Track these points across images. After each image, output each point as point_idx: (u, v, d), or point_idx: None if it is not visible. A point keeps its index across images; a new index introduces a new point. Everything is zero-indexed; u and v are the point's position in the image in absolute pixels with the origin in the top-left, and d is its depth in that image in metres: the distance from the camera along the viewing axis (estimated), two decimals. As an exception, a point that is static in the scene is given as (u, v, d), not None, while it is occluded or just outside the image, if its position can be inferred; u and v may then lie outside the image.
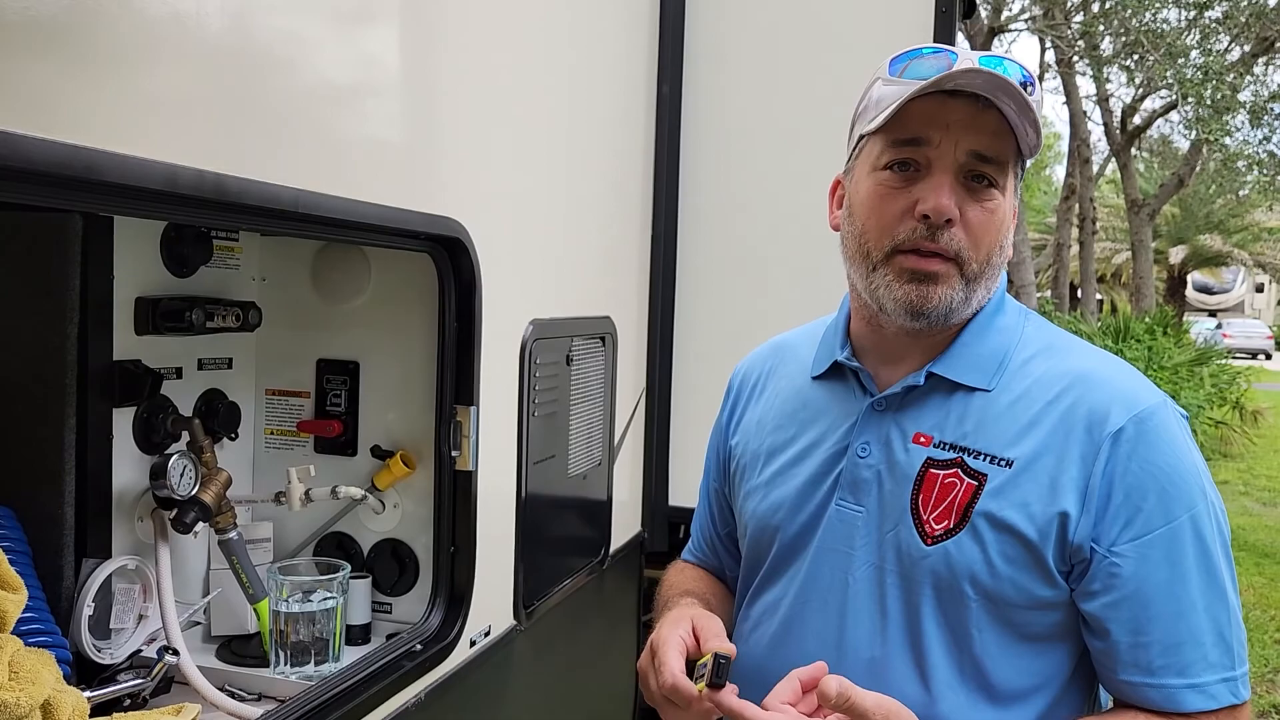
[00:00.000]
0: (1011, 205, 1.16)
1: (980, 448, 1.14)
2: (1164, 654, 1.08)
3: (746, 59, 2.85)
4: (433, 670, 1.72)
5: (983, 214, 1.12)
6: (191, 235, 1.74)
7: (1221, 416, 12.39)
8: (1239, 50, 13.90)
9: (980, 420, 1.15)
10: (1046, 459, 1.11)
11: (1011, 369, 1.18)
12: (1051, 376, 1.15)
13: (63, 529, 1.54)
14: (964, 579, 1.12)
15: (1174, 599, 1.08)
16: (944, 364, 1.19)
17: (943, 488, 1.14)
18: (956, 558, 1.12)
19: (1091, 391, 1.12)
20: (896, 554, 1.17)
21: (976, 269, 1.13)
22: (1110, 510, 1.08)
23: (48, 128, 0.93)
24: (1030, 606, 1.12)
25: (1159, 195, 18.03)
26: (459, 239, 1.70)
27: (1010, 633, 1.13)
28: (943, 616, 1.14)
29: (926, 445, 1.17)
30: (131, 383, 1.62)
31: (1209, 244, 27.14)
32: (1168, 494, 1.08)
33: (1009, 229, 1.16)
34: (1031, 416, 1.13)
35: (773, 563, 1.30)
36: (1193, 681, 1.07)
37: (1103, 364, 1.17)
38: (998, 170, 1.12)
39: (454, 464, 1.79)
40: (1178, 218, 26.73)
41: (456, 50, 1.71)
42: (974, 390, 1.17)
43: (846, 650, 1.18)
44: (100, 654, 1.55)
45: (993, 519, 1.11)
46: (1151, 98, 16.97)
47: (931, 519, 1.14)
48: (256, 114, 1.24)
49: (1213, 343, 14.40)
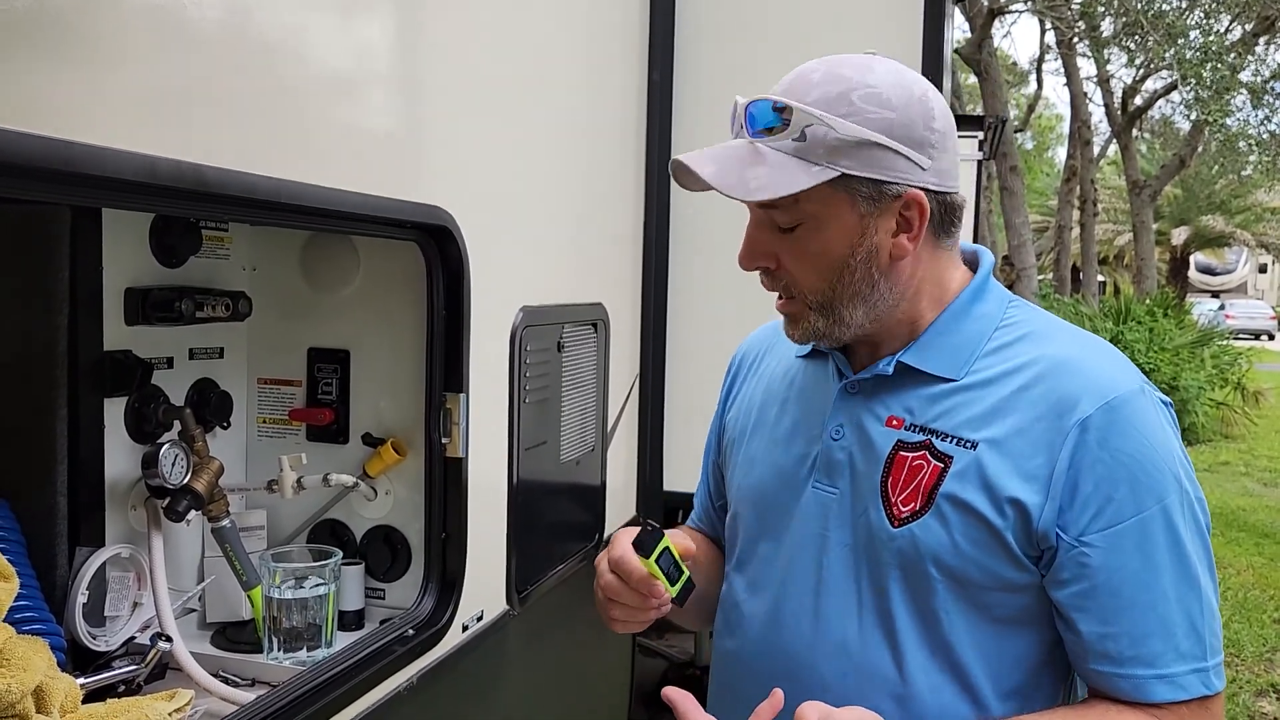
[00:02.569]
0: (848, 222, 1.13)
1: (948, 430, 1.14)
2: (1133, 644, 1.07)
3: (737, 44, 2.84)
4: (425, 655, 1.74)
5: (791, 252, 1.15)
6: (180, 226, 1.75)
7: (1223, 397, 12.40)
8: (1240, 29, 13.84)
9: (951, 404, 1.16)
10: (1014, 443, 1.11)
11: (984, 355, 1.18)
12: (1027, 362, 1.15)
13: (56, 518, 1.55)
14: (929, 561, 1.13)
15: (1144, 589, 1.07)
16: (912, 354, 1.19)
17: (910, 470, 1.15)
18: (922, 539, 1.13)
19: (1064, 378, 1.12)
20: (868, 536, 1.18)
21: (821, 298, 1.16)
22: (1079, 499, 1.08)
23: (26, 121, 0.94)
24: (997, 588, 1.13)
25: (1160, 176, 18.00)
26: (446, 227, 1.70)
27: (979, 614, 1.14)
28: (911, 598, 1.15)
29: (898, 428, 1.18)
30: (122, 373, 1.63)
31: (1211, 225, 27.09)
32: (1139, 483, 1.07)
33: (855, 245, 1.13)
34: (1001, 400, 1.14)
35: (750, 539, 1.32)
36: (1162, 672, 1.07)
37: (1082, 350, 1.16)
38: (786, 212, 1.14)
39: (444, 451, 1.80)
40: (1179, 199, 26.67)
41: (442, 38, 1.72)
42: (944, 379, 1.18)
43: (822, 631, 1.20)
44: (95, 641, 1.57)
45: (956, 500, 1.12)
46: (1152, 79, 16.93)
47: (899, 501, 1.15)
48: (239, 105, 1.25)
49: (1215, 324, 14.40)
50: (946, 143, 1.15)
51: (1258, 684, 4.91)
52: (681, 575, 1.18)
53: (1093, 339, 1.21)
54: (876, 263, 1.14)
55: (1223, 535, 7.57)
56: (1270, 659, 5.24)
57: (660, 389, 2.91)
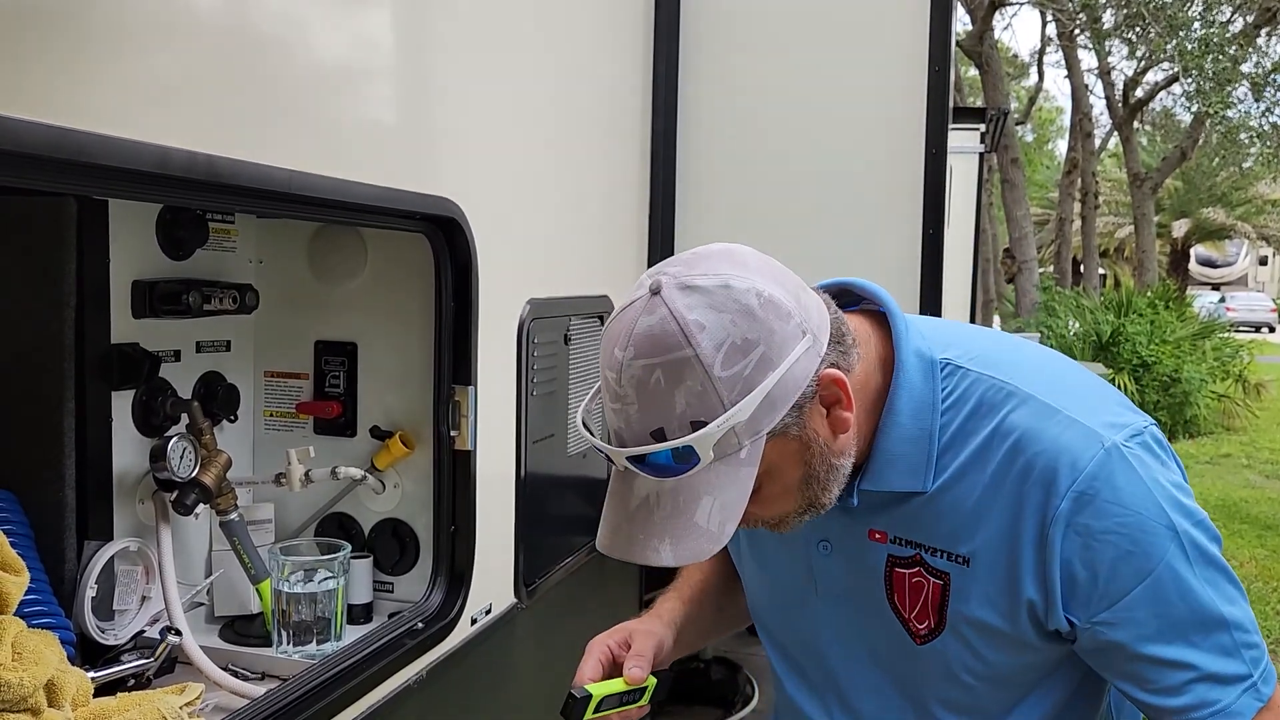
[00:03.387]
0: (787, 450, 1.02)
1: (935, 544, 1.12)
2: (1177, 694, 1.06)
3: (742, 35, 2.83)
4: (434, 648, 1.74)
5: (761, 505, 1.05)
6: (187, 218, 1.75)
7: (1224, 390, 12.38)
8: (1241, 21, 13.81)
9: (928, 517, 1.12)
10: (1001, 550, 1.09)
11: (943, 458, 1.11)
12: (987, 452, 1.09)
13: (64, 512, 1.55)
14: (961, 671, 1.14)
15: (1167, 645, 1.05)
16: (871, 479, 1.12)
17: (913, 587, 1.14)
18: (948, 655, 1.14)
19: (1027, 464, 1.07)
20: (887, 648, 1.18)
21: (797, 508, 1.08)
22: (1079, 590, 1.06)
23: (38, 111, 0.93)
24: (1029, 669, 1.15)
25: (1161, 169, 17.98)
26: (454, 219, 1.70)
27: (1016, 687, 1.16)
28: (951, 699, 1.17)
29: (884, 541, 1.15)
30: (129, 366, 1.63)
31: (1212, 217, 27.06)
32: (1134, 556, 1.05)
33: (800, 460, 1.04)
34: (975, 504, 1.09)
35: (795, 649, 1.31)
36: (1214, 709, 1.05)
37: (1034, 417, 1.08)
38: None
39: (453, 444, 1.80)
40: (1180, 191, 26.64)
41: (451, 30, 1.71)
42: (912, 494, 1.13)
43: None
44: (104, 635, 1.57)
45: (967, 619, 1.12)
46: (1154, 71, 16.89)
47: (914, 619, 1.15)
48: (250, 96, 1.24)
49: (1216, 316, 14.38)
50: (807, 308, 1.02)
51: (1261, 676, 4.92)
52: (643, 692, 1.17)
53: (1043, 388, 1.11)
54: (831, 451, 1.05)
55: (1225, 528, 7.57)
56: (1275, 650, 5.24)
57: (666, 382, 2.90)
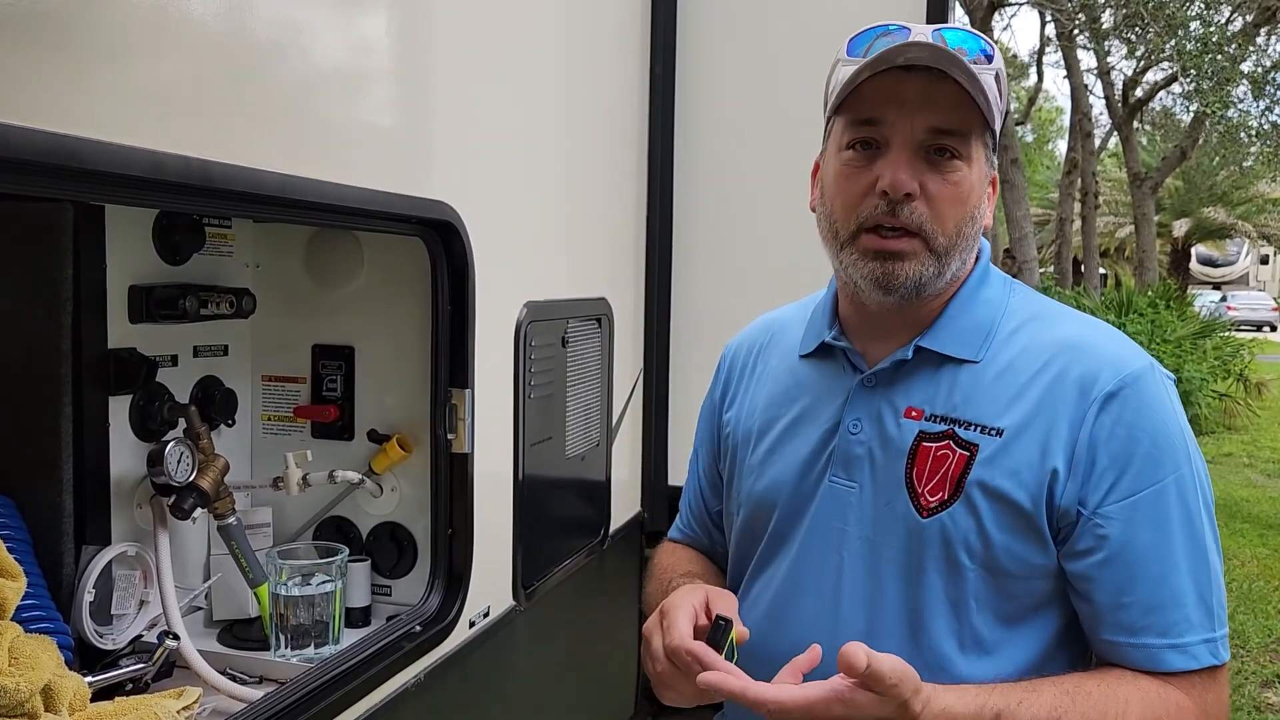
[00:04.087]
0: (982, 174, 1.16)
1: (971, 418, 1.15)
2: (1146, 614, 1.09)
3: (739, 38, 2.84)
4: (432, 651, 1.74)
5: (945, 186, 1.13)
6: (184, 223, 1.75)
7: (1225, 389, 12.38)
8: (1241, 20, 13.81)
9: (970, 391, 1.17)
10: (1037, 426, 1.12)
11: (999, 340, 1.19)
12: (1039, 345, 1.17)
13: (62, 517, 1.55)
14: (960, 549, 1.14)
15: (1158, 560, 1.09)
16: (931, 338, 1.20)
17: (936, 460, 1.15)
18: (952, 529, 1.14)
19: (1079, 358, 1.14)
20: (893, 528, 1.18)
21: (944, 242, 1.14)
22: (1096, 473, 1.10)
23: (32, 116, 0.93)
24: (1026, 576, 1.14)
25: (1161, 168, 17.96)
26: (450, 222, 1.70)
27: (1006, 601, 1.15)
28: (942, 588, 1.15)
29: (918, 419, 1.18)
30: (127, 371, 1.63)
31: (1213, 216, 27.03)
32: (1153, 457, 1.10)
33: (980, 199, 1.17)
34: (1020, 385, 1.15)
35: (769, 541, 1.31)
36: (1174, 641, 1.09)
37: (1089, 331, 1.19)
38: (959, 142, 1.13)
39: (450, 447, 1.80)
40: (1181, 190, 26.62)
41: (446, 33, 1.71)
42: (962, 363, 1.18)
43: (841, 624, 1.19)
44: (102, 639, 1.57)
45: (986, 488, 1.13)
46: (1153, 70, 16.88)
47: (926, 491, 1.15)
48: (245, 100, 1.24)
49: (1217, 315, 14.36)
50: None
51: (1263, 674, 4.91)
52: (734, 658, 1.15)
53: (1096, 321, 1.22)
54: (981, 224, 1.18)
55: (1227, 526, 7.56)
56: (1276, 649, 5.23)
57: (665, 384, 2.91)
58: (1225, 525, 7.57)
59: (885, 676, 0.99)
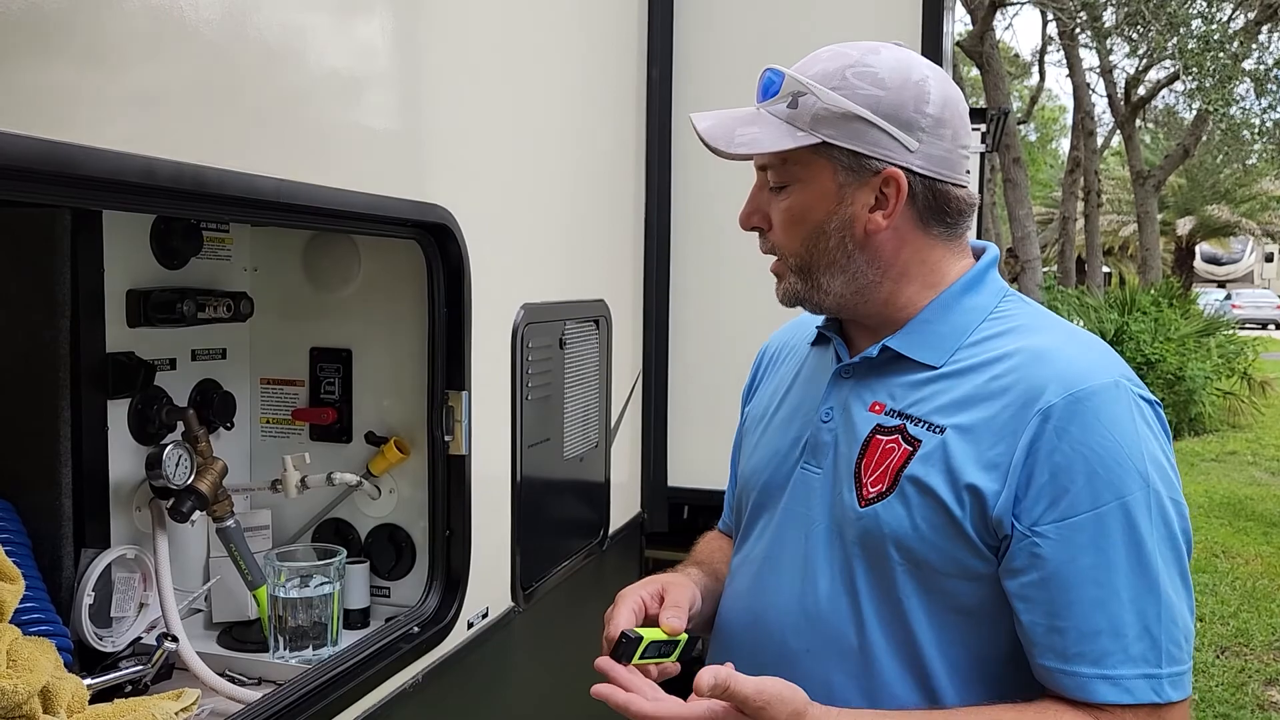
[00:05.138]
0: (829, 189, 1.18)
1: (921, 415, 1.16)
2: (1079, 641, 1.05)
3: (736, 40, 2.84)
4: (430, 652, 1.75)
5: (778, 212, 1.22)
6: (181, 227, 1.76)
7: (1230, 387, 12.35)
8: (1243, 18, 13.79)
9: (928, 392, 1.18)
10: (980, 430, 1.12)
11: (969, 345, 1.19)
12: (1005, 352, 1.16)
13: (61, 520, 1.56)
14: (889, 542, 1.14)
15: (1095, 585, 1.05)
16: (899, 339, 1.21)
17: (883, 452, 1.17)
18: (884, 519, 1.14)
19: (1036, 368, 1.12)
20: (840, 515, 1.20)
21: (797, 261, 1.22)
22: (1033, 489, 1.07)
23: (25, 124, 0.94)
24: (956, 575, 1.12)
25: (1164, 166, 17.96)
26: (446, 225, 1.71)
27: (939, 601, 1.14)
28: (874, 580, 1.16)
29: (879, 413, 1.20)
30: (125, 375, 1.64)
31: (1216, 214, 27.00)
32: (1098, 476, 1.06)
33: (831, 212, 1.18)
34: (973, 389, 1.15)
35: (749, 519, 1.34)
36: (1107, 673, 1.04)
37: (1063, 342, 1.16)
38: (779, 173, 1.21)
39: (447, 449, 1.81)
40: (1184, 188, 26.59)
41: (442, 36, 1.72)
42: (925, 366, 1.20)
43: (807, 607, 1.21)
44: (102, 642, 1.58)
45: (918, 483, 1.13)
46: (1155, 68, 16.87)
47: (869, 482, 1.17)
48: (239, 105, 1.25)
49: (1221, 313, 14.33)
50: (941, 130, 1.16)
51: (1267, 673, 4.90)
52: (675, 646, 1.20)
53: (1082, 334, 1.20)
54: (851, 234, 1.19)
55: (1231, 525, 7.56)
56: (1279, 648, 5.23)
57: (663, 385, 2.91)
58: (1229, 523, 7.57)
59: (749, 699, 1.02)
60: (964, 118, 1.20)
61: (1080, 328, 1.26)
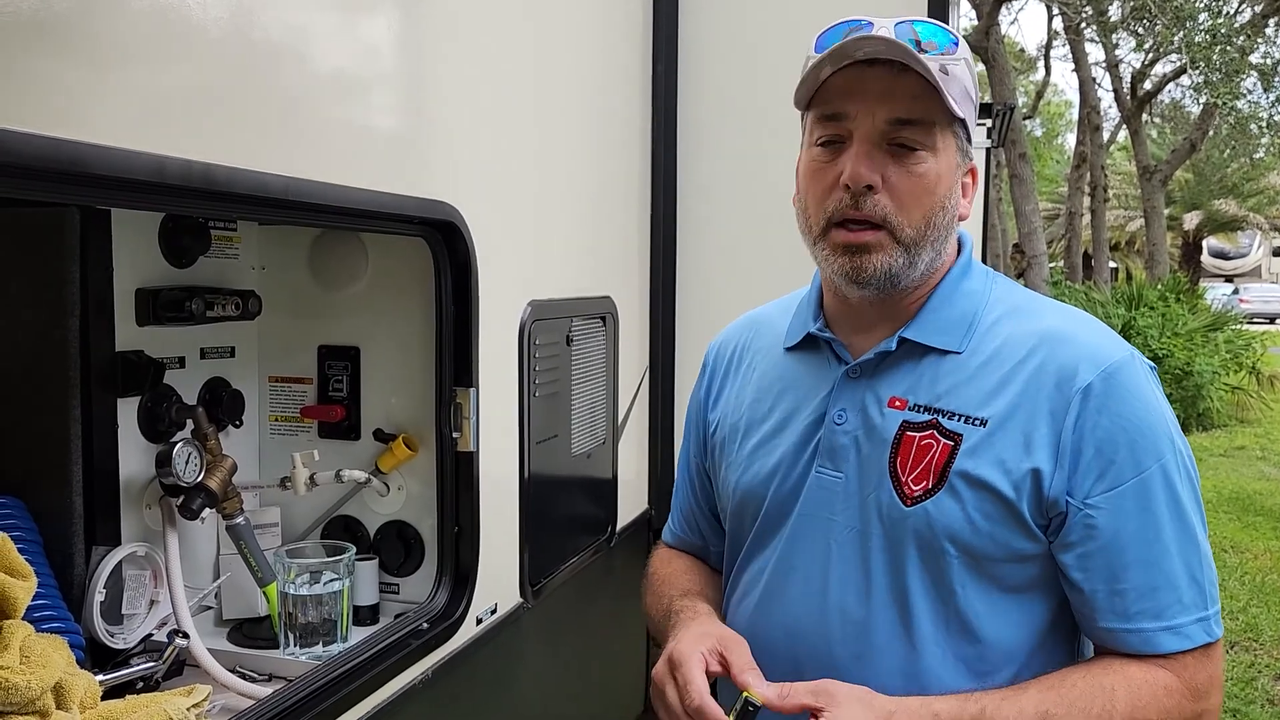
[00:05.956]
0: (952, 164, 1.18)
1: (954, 408, 1.17)
2: (1140, 599, 1.12)
3: (740, 36, 2.84)
4: (439, 648, 1.75)
5: (908, 177, 1.14)
6: (189, 226, 1.77)
7: (1238, 382, 12.32)
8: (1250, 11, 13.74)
9: (953, 382, 1.18)
10: (1019, 417, 1.14)
11: (980, 331, 1.21)
12: (1020, 336, 1.19)
13: (72, 518, 1.57)
14: (944, 537, 1.15)
15: (1148, 546, 1.12)
16: (914, 329, 1.22)
17: (920, 449, 1.17)
18: (936, 517, 1.15)
19: (1060, 349, 1.16)
20: (879, 516, 1.19)
21: (911, 233, 1.16)
22: (1082, 465, 1.12)
23: (35, 122, 0.95)
24: (1010, 559, 1.15)
25: (1171, 161, 17.89)
26: (453, 223, 1.71)
27: (992, 586, 1.16)
28: (926, 574, 1.17)
29: (902, 409, 1.20)
30: (134, 373, 1.65)
31: (1224, 209, 26.88)
32: (1138, 445, 1.12)
33: (950, 189, 1.18)
34: (1002, 376, 1.16)
35: (757, 533, 1.32)
36: (1169, 624, 1.11)
37: (1069, 322, 1.21)
38: (922, 132, 1.14)
39: (455, 445, 1.81)
40: (1191, 183, 26.49)
41: (448, 34, 1.72)
42: (945, 353, 1.20)
43: (831, 613, 1.21)
44: (113, 639, 1.59)
45: (969, 478, 1.14)
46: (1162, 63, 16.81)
47: (910, 480, 1.17)
48: (247, 104, 1.26)
49: (1229, 308, 14.29)
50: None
51: (1276, 668, 4.88)
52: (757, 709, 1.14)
53: (1076, 312, 1.24)
54: (955, 216, 1.20)
55: (1239, 519, 7.54)
56: (1291, 644, 5.21)
57: (670, 381, 2.92)
58: (1237, 518, 7.54)
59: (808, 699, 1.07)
60: None
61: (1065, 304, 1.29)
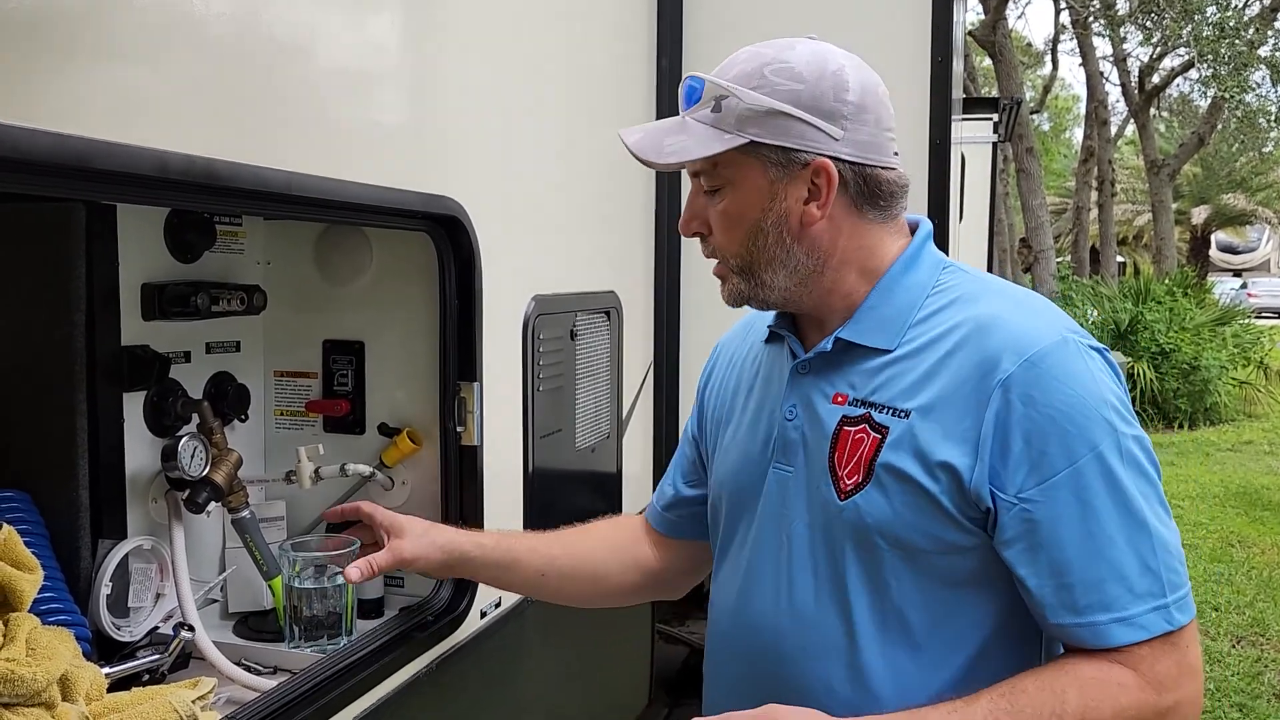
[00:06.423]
0: (762, 186, 1.20)
1: (884, 401, 1.18)
2: (1087, 592, 1.09)
3: (744, 29, 2.83)
4: (443, 641, 1.76)
5: (717, 216, 1.23)
6: (195, 221, 1.77)
7: (1245, 376, 12.29)
8: (1258, 4, 13.68)
9: (888, 376, 1.19)
10: (941, 408, 1.14)
11: (915, 324, 1.20)
12: (953, 326, 1.18)
13: (78, 511, 1.58)
14: (874, 531, 1.16)
15: (1090, 537, 1.09)
16: (850, 328, 1.23)
17: (853, 443, 1.18)
18: (866, 510, 1.16)
19: (987, 339, 1.14)
20: (822, 511, 1.21)
21: (738, 262, 1.24)
22: (1011, 458, 1.10)
23: (38, 118, 0.95)
24: (943, 551, 1.15)
25: (1179, 155, 17.85)
26: (456, 217, 1.72)
27: (928, 580, 1.16)
28: (862, 569, 1.18)
29: (842, 404, 1.21)
30: (140, 367, 1.66)
31: (1232, 203, 26.80)
32: (1068, 434, 1.09)
33: (765, 209, 1.20)
34: (929, 368, 1.16)
35: (727, 526, 1.35)
36: (1119, 615, 1.08)
37: (1006, 308, 1.18)
38: (711, 176, 1.22)
39: (459, 440, 1.82)
40: (1199, 177, 26.42)
41: (452, 29, 1.73)
42: (880, 350, 1.21)
43: (787, 606, 1.23)
44: (119, 632, 1.60)
45: (892, 469, 1.15)
46: (1169, 56, 16.76)
47: (845, 475, 1.18)
48: (251, 99, 1.26)
49: (1237, 303, 14.26)
50: (864, 116, 1.18)
51: (1286, 661, 4.88)
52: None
53: (1022, 295, 1.22)
54: (788, 228, 1.20)
55: (1247, 514, 7.53)
56: (1297, 639, 5.20)
57: (675, 376, 2.92)
58: (1245, 513, 7.53)
59: None
60: (885, 102, 1.22)
61: (1020, 286, 1.27)
